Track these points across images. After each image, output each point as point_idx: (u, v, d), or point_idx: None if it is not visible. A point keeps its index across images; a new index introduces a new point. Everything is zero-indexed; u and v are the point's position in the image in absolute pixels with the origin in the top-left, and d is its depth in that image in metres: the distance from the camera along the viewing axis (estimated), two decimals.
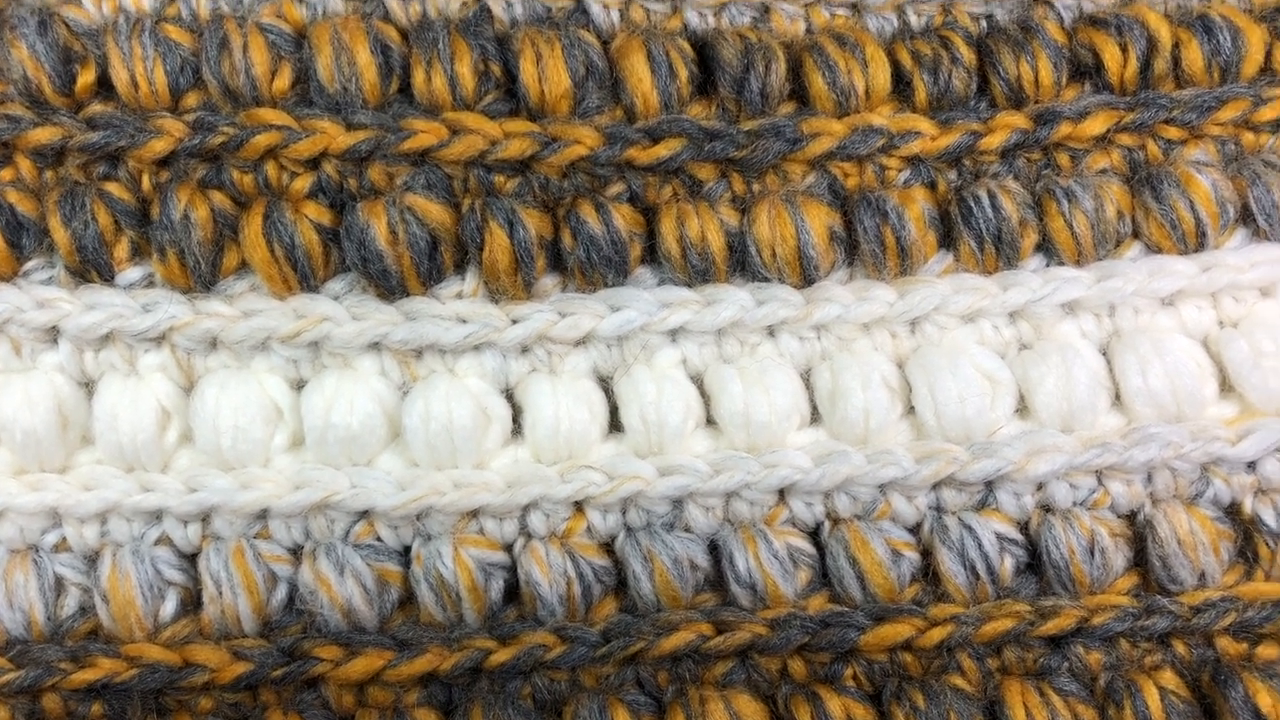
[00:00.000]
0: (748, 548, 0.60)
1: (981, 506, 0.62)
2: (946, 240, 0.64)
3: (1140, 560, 0.62)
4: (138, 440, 0.59)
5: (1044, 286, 0.63)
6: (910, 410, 0.63)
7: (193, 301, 0.60)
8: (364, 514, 0.60)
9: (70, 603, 0.60)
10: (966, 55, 0.65)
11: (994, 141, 0.64)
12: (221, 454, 0.60)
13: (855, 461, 0.61)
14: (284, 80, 0.61)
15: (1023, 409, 0.63)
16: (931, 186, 0.64)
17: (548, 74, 0.61)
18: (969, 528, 0.61)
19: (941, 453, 0.61)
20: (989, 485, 0.62)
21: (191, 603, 0.60)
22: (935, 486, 0.61)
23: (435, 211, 0.60)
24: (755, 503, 0.61)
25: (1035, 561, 0.62)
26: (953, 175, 0.65)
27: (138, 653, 0.58)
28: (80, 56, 0.61)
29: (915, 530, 0.62)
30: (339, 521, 0.60)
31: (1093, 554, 0.61)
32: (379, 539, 0.60)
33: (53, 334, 0.60)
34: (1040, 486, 0.62)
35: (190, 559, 0.60)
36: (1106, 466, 0.61)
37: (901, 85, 0.65)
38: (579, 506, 0.61)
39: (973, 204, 0.63)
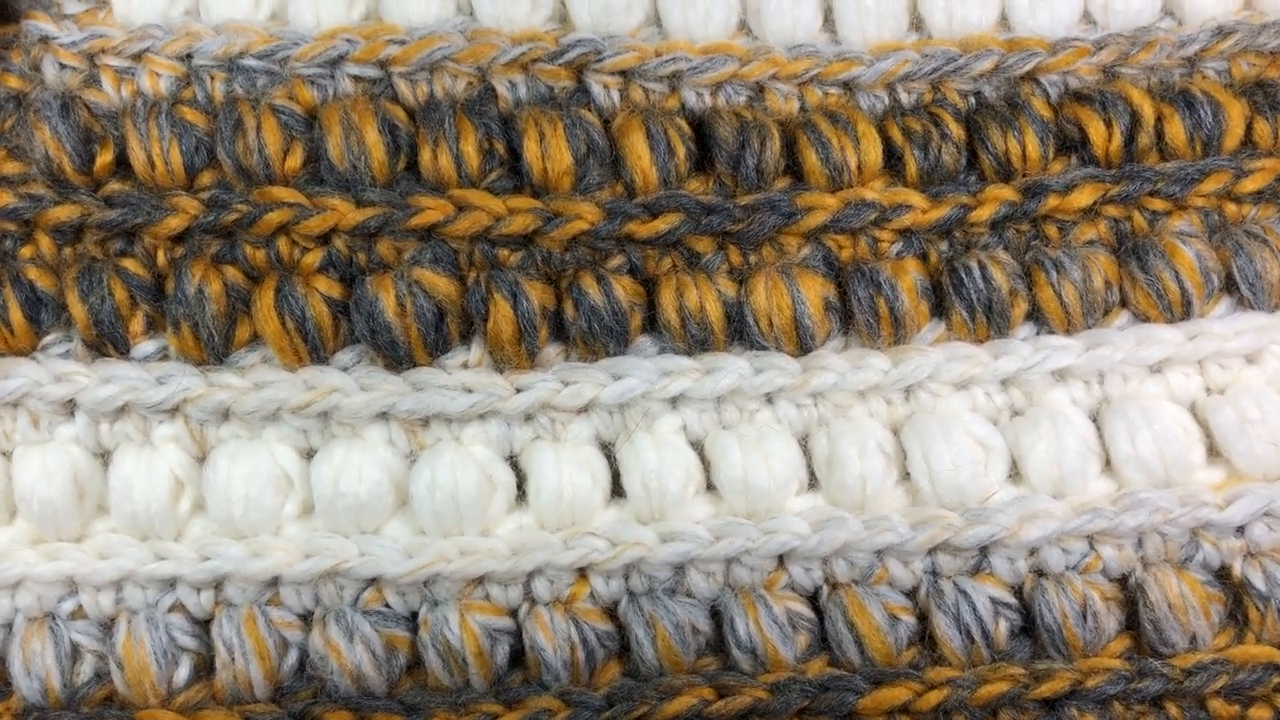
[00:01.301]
0: (748, 613, 0.62)
1: (976, 571, 0.63)
2: (939, 309, 0.65)
3: (1132, 623, 0.63)
4: (152, 509, 0.60)
5: (1034, 355, 0.64)
6: (905, 476, 0.64)
7: (205, 374, 0.61)
8: (372, 581, 0.61)
9: (86, 669, 0.61)
10: (956, 131, 0.66)
11: (984, 214, 0.65)
12: (233, 522, 0.61)
13: (852, 528, 0.62)
14: (296, 159, 0.63)
15: (1015, 475, 0.64)
16: (923, 258, 0.66)
17: (550, 152, 0.63)
18: (964, 592, 0.62)
19: (936, 519, 0.62)
20: (983, 550, 0.63)
21: (204, 668, 0.61)
22: (931, 551, 0.62)
23: (442, 284, 0.62)
24: (755, 568, 0.62)
25: (1029, 625, 0.62)
26: (944, 246, 0.66)
27: (152, 718, 0.59)
28: (100, 137, 0.63)
29: (912, 594, 0.63)
30: (348, 588, 0.61)
31: (1085, 617, 0.62)
32: (387, 605, 0.61)
33: (70, 406, 0.61)
34: (1033, 551, 0.63)
35: (203, 625, 0.61)
36: (1098, 531, 0.62)
37: (893, 160, 0.66)
38: (582, 572, 0.62)
39: (964, 274, 0.64)
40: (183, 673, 0.61)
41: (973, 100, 0.68)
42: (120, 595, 0.60)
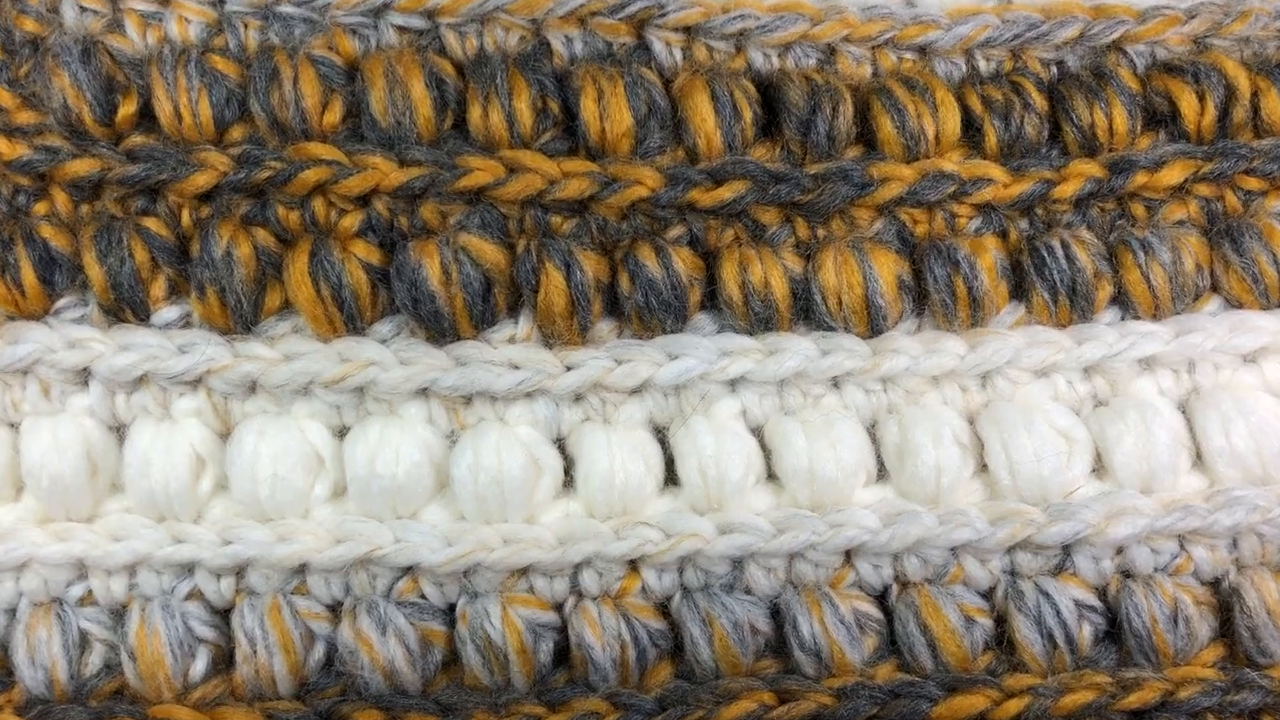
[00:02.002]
0: (812, 612, 0.57)
1: (1059, 571, 0.59)
2: (1017, 291, 0.62)
3: (1226, 630, 0.59)
4: (170, 488, 0.56)
5: (1120, 341, 0.60)
6: (981, 469, 0.60)
7: (232, 343, 0.57)
8: (408, 570, 0.57)
9: (95, 660, 0.57)
10: (1038, 101, 0.62)
11: (1068, 190, 0.62)
12: (259, 504, 0.57)
13: (926, 522, 0.58)
14: (335, 114, 0.59)
15: (1099, 469, 0.60)
16: (1003, 235, 0.62)
17: (609, 112, 0.58)
18: (1046, 593, 0.58)
19: (1017, 514, 0.58)
20: (1066, 549, 0.58)
21: (223, 662, 0.57)
22: (1010, 549, 0.58)
23: (490, 252, 0.57)
24: (820, 564, 0.58)
25: (1115, 630, 0.58)
26: (1024, 224, 0.62)
27: (165, 714, 0.55)
28: (123, 87, 0.59)
29: (988, 595, 0.59)
30: (381, 577, 0.57)
31: (1176, 623, 0.57)
32: (423, 596, 0.57)
33: (84, 375, 0.57)
34: (1120, 550, 0.59)
35: (223, 615, 0.57)
36: (1189, 531, 0.58)
37: (971, 132, 0.62)
38: (634, 565, 0.58)
39: (1046, 254, 0.61)
40: (200, 666, 0.57)
41: (1055, 70, 0.64)
42: (134, 580, 0.57)
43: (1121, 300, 0.62)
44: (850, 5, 0.63)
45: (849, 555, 0.58)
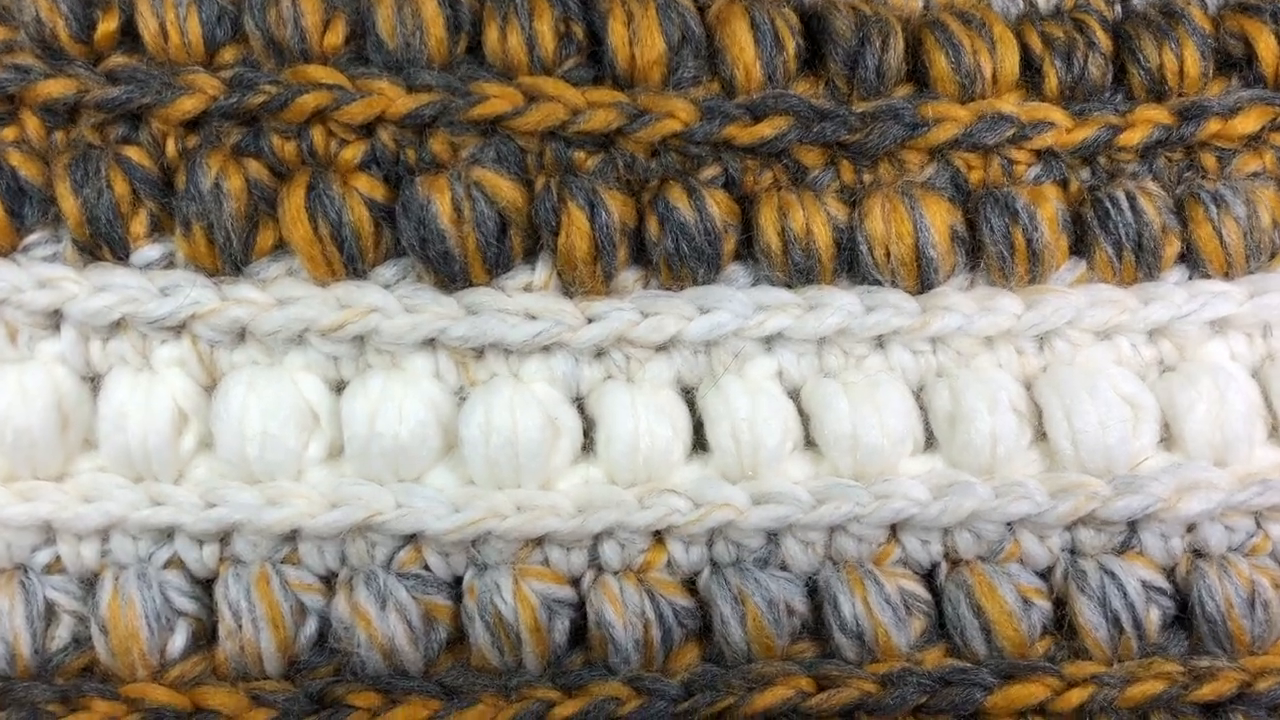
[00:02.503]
0: (854, 591, 0.52)
1: (1124, 549, 0.54)
2: (1078, 246, 0.57)
3: None
4: (149, 445, 0.51)
5: (1189, 302, 0.56)
6: (1039, 438, 0.55)
7: (219, 286, 0.52)
8: (411, 538, 0.53)
9: (62, 633, 0.52)
10: (1103, 40, 0.57)
11: (1134, 137, 0.57)
12: (247, 464, 0.52)
13: (981, 494, 0.53)
14: (337, 34, 0.53)
15: (1166, 439, 0.56)
16: (1063, 185, 0.57)
17: (640, 37, 0.53)
18: (1111, 573, 0.53)
19: (1079, 486, 0.53)
20: (1133, 525, 0.54)
21: (205, 637, 0.53)
22: (1071, 525, 0.54)
23: (506, 189, 0.52)
24: (863, 539, 0.53)
25: (1185, 615, 0.54)
26: (1086, 174, 0.58)
27: (140, 694, 0.50)
28: (103, 1, 0.53)
29: (1046, 575, 0.55)
30: (381, 546, 0.52)
31: (1253, 607, 0.53)
32: (426, 568, 0.53)
33: (55, 319, 0.52)
34: (1191, 528, 0.54)
35: (205, 585, 0.53)
36: (1267, 507, 0.54)
37: (1029, 73, 0.57)
38: (659, 536, 0.53)
39: (1110, 206, 0.56)
40: (178, 641, 0.52)
41: (1119, 8, 0.60)
42: (106, 546, 0.52)
43: (1190, 258, 0.57)
44: None
45: (894, 529, 0.54)
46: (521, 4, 0.53)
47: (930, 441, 0.55)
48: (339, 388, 0.53)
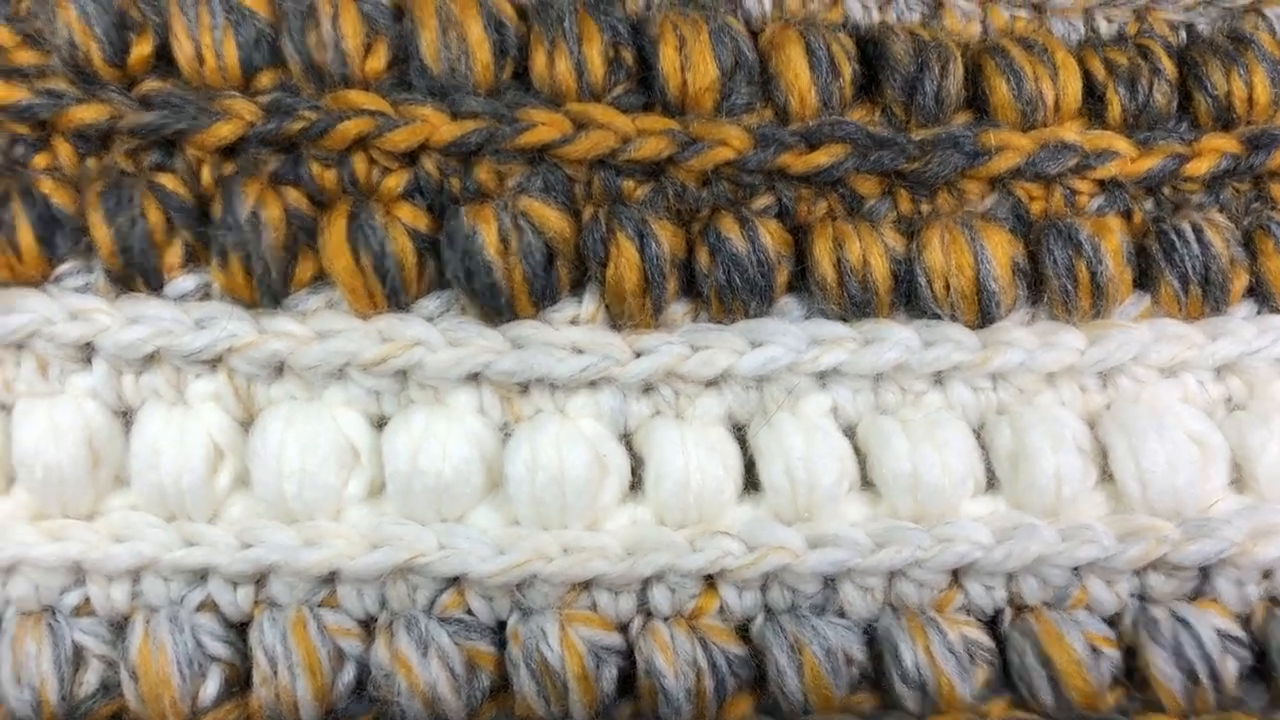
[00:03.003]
0: (915, 639, 0.50)
1: (1196, 596, 0.52)
2: (1142, 280, 0.55)
3: None
4: (183, 483, 0.49)
5: (1259, 337, 0.54)
6: (1104, 478, 0.53)
7: (257, 318, 0.50)
8: (453, 581, 0.50)
9: (91, 678, 0.50)
10: (1169, 67, 0.56)
11: (1200, 167, 0.55)
12: (284, 502, 0.50)
13: (1046, 537, 0.51)
14: (379, 59, 0.51)
15: (1237, 480, 0.54)
16: (1127, 216, 0.55)
17: (692, 62, 0.51)
18: (1184, 622, 0.51)
19: (1149, 530, 0.51)
20: (1205, 571, 0.52)
21: (238, 683, 0.50)
22: (1141, 570, 0.51)
23: (553, 219, 0.50)
24: (924, 584, 0.51)
25: (1262, 665, 0.51)
26: (1150, 205, 0.56)
27: None
28: (137, 24, 0.51)
29: (1114, 622, 0.52)
30: (423, 589, 0.50)
31: None
32: (470, 612, 0.51)
33: (87, 351, 0.50)
34: (1267, 574, 0.52)
35: (239, 629, 0.51)
36: None
37: (1091, 100, 0.55)
38: (711, 581, 0.51)
39: (1176, 238, 0.54)
40: (211, 687, 0.50)
41: (1184, 34, 0.58)
42: (138, 588, 0.50)
43: (1259, 291, 0.56)
44: None
45: (957, 574, 0.52)
46: (570, 28, 0.51)
47: (992, 482, 0.53)
48: (380, 423, 0.51)
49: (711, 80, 0.52)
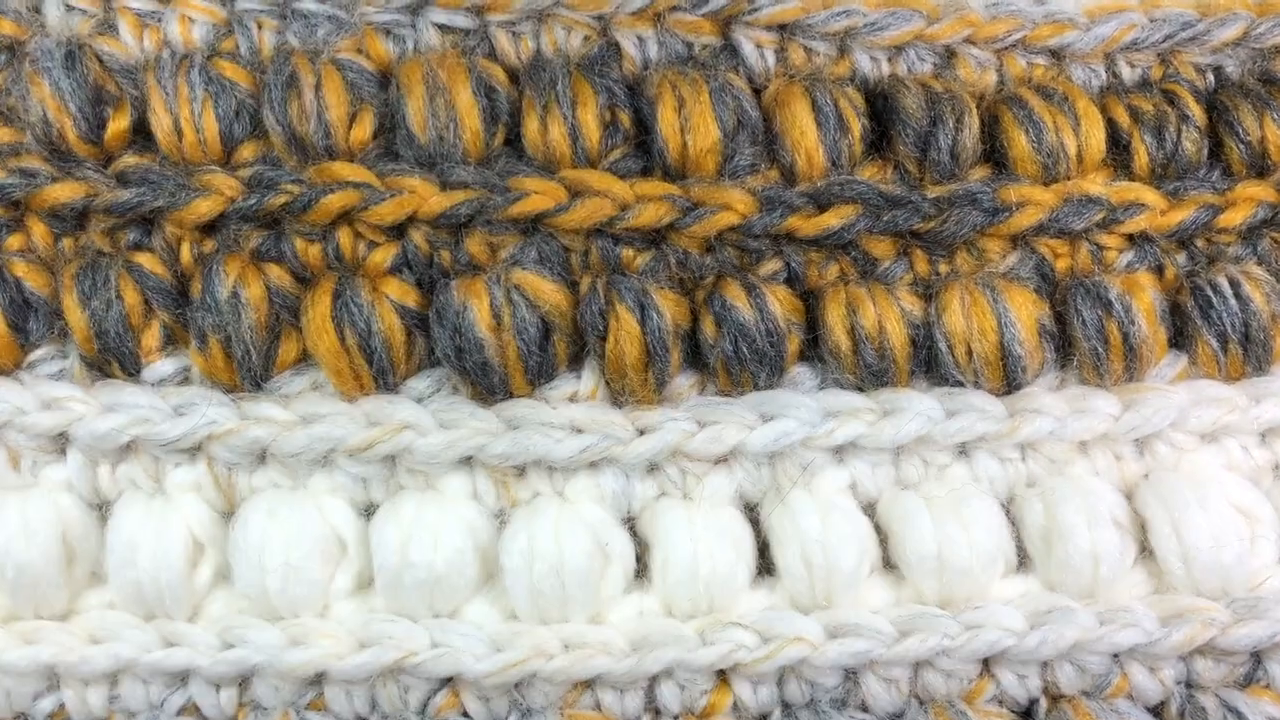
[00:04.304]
0: None
1: (1248, 682, 0.49)
2: (1177, 339, 0.52)
3: None
4: (161, 580, 0.47)
5: None
6: (1143, 553, 0.49)
7: (238, 403, 0.48)
8: (448, 680, 0.48)
9: None
10: (1197, 113, 0.53)
11: (1235, 218, 0.52)
12: (267, 599, 0.48)
13: (1083, 621, 0.48)
14: (364, 128, 0.49)
15: None
16: (1158, 272, 0.52)
17: (692, 124, 0.49)
18: (1235, 711, 0.48)
19: (1194, 611, 0.48)
20: (1256, 655, 0.49)
21: None
22: (1186, 655, 0.48)
23: (549, 292, 0.48)
24: (953, 674, 0.48)
25: None
26: (1183, 259, 0.53)
27: None
28: (113, 98, 0.50)
29: (1159, 711, 0.49)
30: (415, 690, 0.48)
31: None
32: (465, 714, 0.48)
33: (61, 442, 0.49)
34: None
35: None
36: None
37: (1115, 150, 0.53)
38: (723, 676, 0.49)
39: (1212, 294, 0.51)
40: None
41: (1211, 77, 0.55)
42: (115, 692, 0.48)
43: None
44: (972, 1, 0.53)
45: (988, 663, 0.49)
46: (563, 91, 0.49)
47: (1023, 561, 0.50)
48: (368, 512, 0.49)
49: (713, 142, 0.49)
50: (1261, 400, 0.51)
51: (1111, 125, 0.53)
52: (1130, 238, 0.52)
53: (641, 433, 0.48)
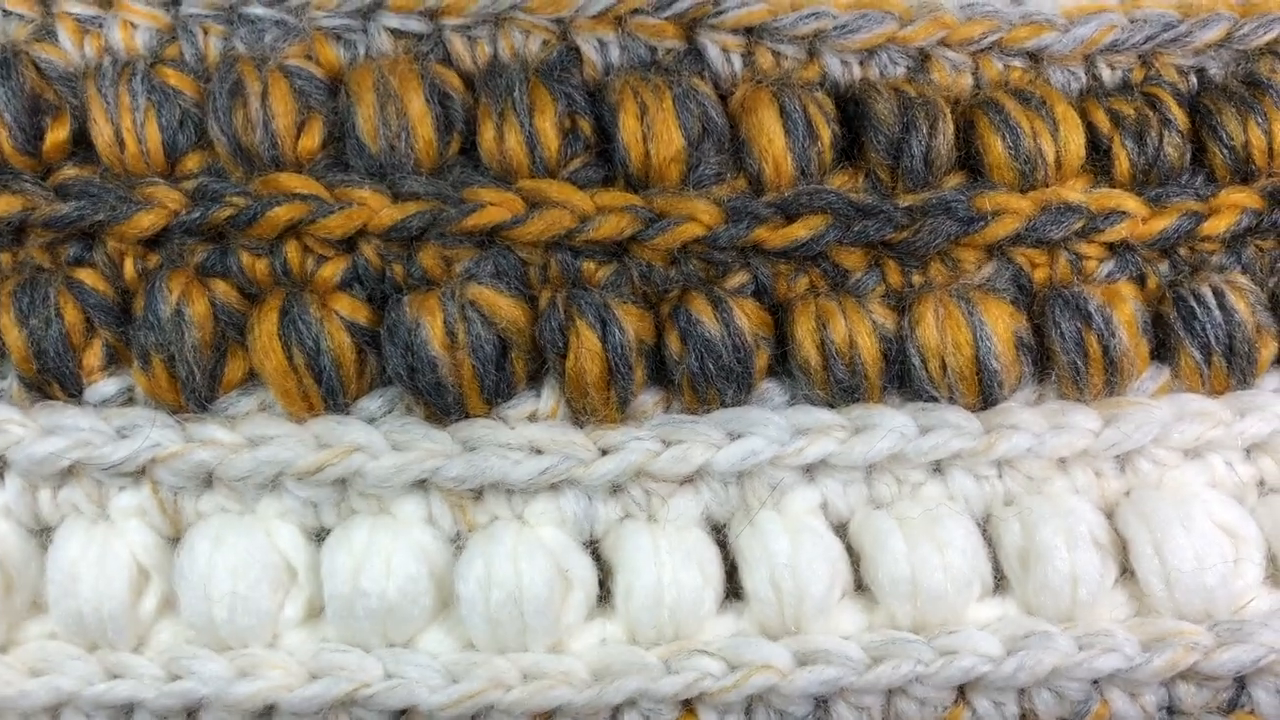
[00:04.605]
0: None
1: (1232, 708, 0.48)
2: (1159, 351, 0.51)
3: None
4: (105, 609, 0.46)
5: None
6: (1124, 574, 0.48)
7: (183, 425, 0.47)
8: (402, 713, 0.46)
9: None
10: (1179, 117, 0.51)
11: (1219, 225, 0.51)
12: (214, 629, 0.46)
13: (1062, 646, 0.46)
14: (313, 138, 0.48)
15: (1273, 574, 0.49)
16: (1140, 282, 0.51)
17: (655, 131, 0.47)
18: None
19: (1176, 635, 0.47)
20: (1240, 680, 0.48)
21: None
22: (1169, 680, 0.47)
23: (506, 307, 0.46)
24: (927, 701, 0.47)
25: None
26: (1165, 268, 0.51)
27: None
28: (52, 107, 0.48)
29: None
30: None
31: None
32: None
33: None
34: None
35: None
36: None
37: (1097, 155, 0.51)
38: (689, 705, 0.47)
39: (1195, 304, 0.50)
40: None
41: (1194, 80, 0.53)
42: None
43: None
44: (946, 2, 0.51)
45: (963, 690, 0.48)
46: (520, 98, 0.47)
47: (1000, 582, 0.49)
48: (319, 537, 0.48)
49: (677, 150, 0.47)
50: (1246, 414, 0.50)
51: (1091, 130, 0.51)
52: (1111, 246, 0.51)
53: (604, 453, 0.47)
